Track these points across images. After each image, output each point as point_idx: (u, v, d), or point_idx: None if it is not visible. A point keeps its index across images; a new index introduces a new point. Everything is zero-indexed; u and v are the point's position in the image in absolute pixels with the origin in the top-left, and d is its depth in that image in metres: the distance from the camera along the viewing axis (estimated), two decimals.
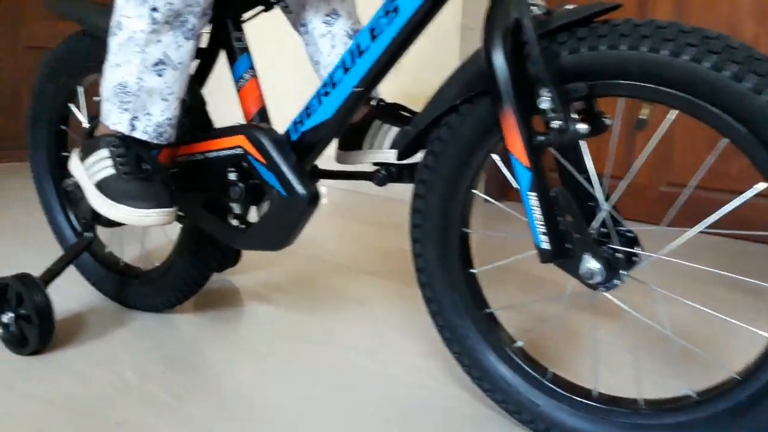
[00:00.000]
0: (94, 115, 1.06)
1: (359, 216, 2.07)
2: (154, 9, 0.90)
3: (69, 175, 1.23)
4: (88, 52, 1.19)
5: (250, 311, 1.33)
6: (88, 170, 0.99)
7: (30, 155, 1.36)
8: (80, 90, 1.26)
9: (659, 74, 0.68)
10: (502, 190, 2.43)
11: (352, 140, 1.10)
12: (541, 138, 0.74)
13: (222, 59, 1.11)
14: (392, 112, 1.08)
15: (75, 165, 1.03)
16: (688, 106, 0.68)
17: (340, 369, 1.07)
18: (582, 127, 0.73)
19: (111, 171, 0.95)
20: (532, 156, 0.75)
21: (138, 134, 0.97)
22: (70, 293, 1.34)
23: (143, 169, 0.96)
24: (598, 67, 0.73)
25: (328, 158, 1.14)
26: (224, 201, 1.05)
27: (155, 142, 0.99)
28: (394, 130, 1.06)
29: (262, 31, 1.94)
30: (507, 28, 0.76)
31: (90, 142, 1.00)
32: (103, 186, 0.96)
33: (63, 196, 1.34)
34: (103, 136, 0.98)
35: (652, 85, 0.70)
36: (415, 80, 2.29)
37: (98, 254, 1.32)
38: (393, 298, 1.41)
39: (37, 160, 1.35)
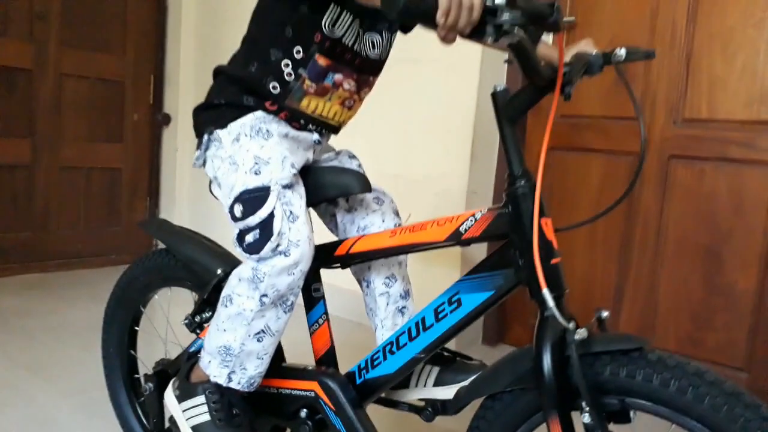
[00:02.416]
0: (193, 353, 1.21)
1: None
2: (264, 295, 1.06)
3: (136, 369, 1.36)
4: (170, 271, 1.37)
5: None
6: (185, 412, 1.13)
7: (104, 331, 1.50)
8: (156, 297, 1.43)
9: (687, 409, 0.85)
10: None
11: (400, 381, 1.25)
12: None
13: None
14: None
15: (172, 403, 1.17)
16: None
17: None
18: None
19: (206, 417, 1.10)
20: None
21: (233, 385, 1.11)
22: None
23: (234, 414, 1.10)
24: (628, 388, 0.90)
25: None
26: (290, 429, 1.20)
27: (245, 391, 1.13)
28: (435, 370, 1.23)
29: None
30: (554, 341, 0.93)
31: (188, 385, 1.14)
32: (198, 430, 1.10)
33: (129, 386, 1.48)
34: (201, 383, 1.13)
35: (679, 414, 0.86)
36: None
37: None
38: None
39: (109, 336, 1.50)
